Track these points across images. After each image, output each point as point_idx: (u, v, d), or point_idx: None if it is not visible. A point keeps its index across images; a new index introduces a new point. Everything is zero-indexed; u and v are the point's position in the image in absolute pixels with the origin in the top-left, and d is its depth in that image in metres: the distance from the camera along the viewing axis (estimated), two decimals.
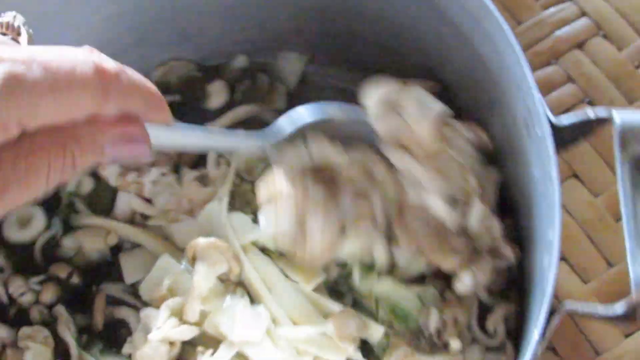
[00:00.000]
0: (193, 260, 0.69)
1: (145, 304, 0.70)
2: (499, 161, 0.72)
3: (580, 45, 0.91)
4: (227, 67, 0.84)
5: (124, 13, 0.78)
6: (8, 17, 0.53)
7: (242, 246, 0.69)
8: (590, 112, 0.55)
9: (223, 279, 0.69)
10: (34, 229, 0.76)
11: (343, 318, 0.65)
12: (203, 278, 0.67)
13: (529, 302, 0.66)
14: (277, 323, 0.67)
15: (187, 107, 0.82)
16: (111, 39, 0.78)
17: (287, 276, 0.69)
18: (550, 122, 0.56)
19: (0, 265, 0.75)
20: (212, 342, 0.66)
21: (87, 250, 0.75)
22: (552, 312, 0.54)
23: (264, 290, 0.68)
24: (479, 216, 0.66)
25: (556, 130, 0.56)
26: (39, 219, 0.76)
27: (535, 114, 0.57)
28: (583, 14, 0.93)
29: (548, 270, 0.55)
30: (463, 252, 0.66)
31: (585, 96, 0.89)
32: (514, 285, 0.71)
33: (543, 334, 0.53)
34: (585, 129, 0.57)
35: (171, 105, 0.77)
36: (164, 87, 0.81)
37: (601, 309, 0.54)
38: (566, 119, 0.56)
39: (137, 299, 0.72)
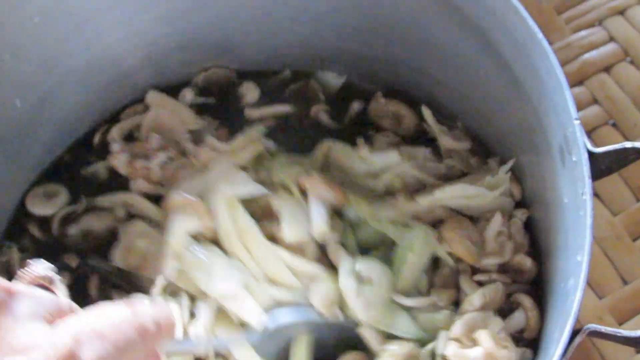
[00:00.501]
0: None
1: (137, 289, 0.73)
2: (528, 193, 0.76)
3: (607, 69, 0.95)
4: (269, 77, 0.87)
5: (171, 16, 0.80)
6: (39, 269, 0.55)
7: (228, 201, 0.73)
8: (628, 143, 0.58)
9: (199, 238, 0.72)
10: (58, 204, 0.80)
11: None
12: (174, 234, 0.71)
13: (548, 322, 0.69)
14: (256, 280, 0.70)
15: (223, 108, 0.85)
16: (155, 40, 0.82)
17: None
18: (587, 149, 0.59)
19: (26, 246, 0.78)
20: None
21: (97, 228, 0.78)
22: (574, 333, 0.56)
23: (241, 249, 0.71)
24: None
25: (592, 157, 0.59)
26: (63, 195, 0.80)
27: (573, 141, 0.59)
28: (611, 39, 0.96)
29: (574, 292, 0.57)
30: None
31: (610, 118, 0.92)
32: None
33: (564, 354, 0.55)
34: (620, 158, 0.59)
35: (209, 106, 0.84)
36: (204, 90, 0.85)
37: (625, 332, 0.56)
38: (603, 148, 0.59)
39: (129, 284, 0.75)
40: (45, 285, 0.54)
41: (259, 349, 0.67)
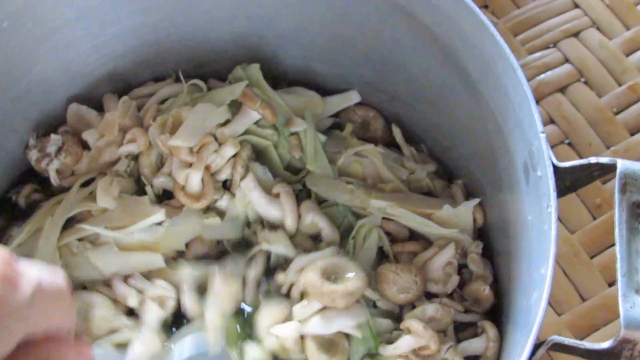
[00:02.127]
0: None
1: None
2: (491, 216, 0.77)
3: (562, 90, 0.96)
4: None
5: (140, 30, 0.80)
6: None
7: None
8: (593, 159, 0.59)
9: None
10: None
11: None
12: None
13: (510, 336, 0.69)
14: None
15: None
16: (124, 53, 0.81)
17: None
18: (553, 164, 0.60)
19: None
20: None
21: None
22: (537, 346, 0.57)
23: None
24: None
25: (557, 172, 0.60)
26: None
27: (538, 155, 0.60)
28: (566, 60, 0.98)
29: (537, 305, 0.58)
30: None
31: (566, 137, 0.93)
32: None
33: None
34: (585, 174, 0.60)
35: None
36: None
37: (588, 344, 0.57)
38: (568, 163, 0.60)
39: None
40: None
41: None
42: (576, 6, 1.02)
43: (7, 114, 0.77)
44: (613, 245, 0.84)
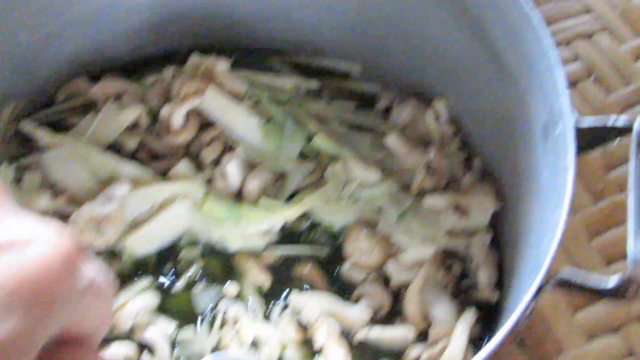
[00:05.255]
0: None
1: None
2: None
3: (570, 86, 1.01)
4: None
5: None
6: None
7: None
8: (612, 118, 0.64)
9: None
10: None
11: None
12: None
13: (517, 280, 0.73)
14: None
15: None
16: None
17: None
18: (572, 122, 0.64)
19: None
20: None
21: None
22: (543, 284, 0.59)
23: None
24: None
25: (577, 130, 0.63)
26: None
27: (559, 113, 0.64)
28: (577, 58, 1.04)
29: (548, 248, 0.61)
30: None
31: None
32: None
33: (534, 298, 0.58)
34: (604, 134, 0.64)
35: None
36: None
37: (594, 280, 0.59)
38: (587, 122, 0.64)
39: None
40: None
41: None
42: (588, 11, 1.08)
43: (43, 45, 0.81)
44: (612, 228, 0.90)
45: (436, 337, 0.75)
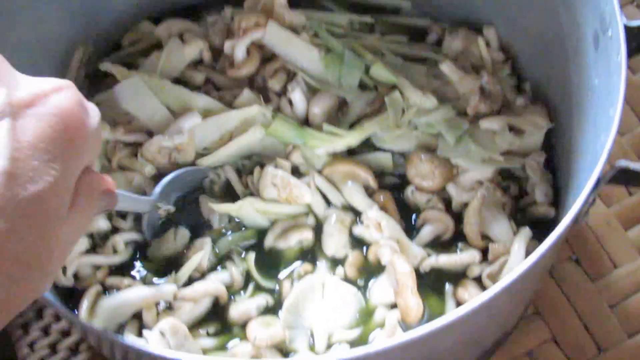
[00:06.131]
0: None
1: None
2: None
3: None
4: None
5: None
6: None
7: None
8: None
9: None
10: None
11: None
12: None
13: (573, 194, 0.74)
14: None
15: None
16: None
17: None
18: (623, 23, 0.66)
19: None
20: None
21: None
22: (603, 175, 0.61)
23: None
24: None
25: (627, 31, 0.66)
26: None
27: (611, 16, 0.66)
28: None
29: (604, 144, 0.62)
30: None
31: None
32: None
33: (595, 188, 0.60)
34: None
35: None
36: None
37: None
38: (637, 22, 0.66)
39: None
40: None
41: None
42: None
43: None
44: None
45: (496, 255, 0.78)
